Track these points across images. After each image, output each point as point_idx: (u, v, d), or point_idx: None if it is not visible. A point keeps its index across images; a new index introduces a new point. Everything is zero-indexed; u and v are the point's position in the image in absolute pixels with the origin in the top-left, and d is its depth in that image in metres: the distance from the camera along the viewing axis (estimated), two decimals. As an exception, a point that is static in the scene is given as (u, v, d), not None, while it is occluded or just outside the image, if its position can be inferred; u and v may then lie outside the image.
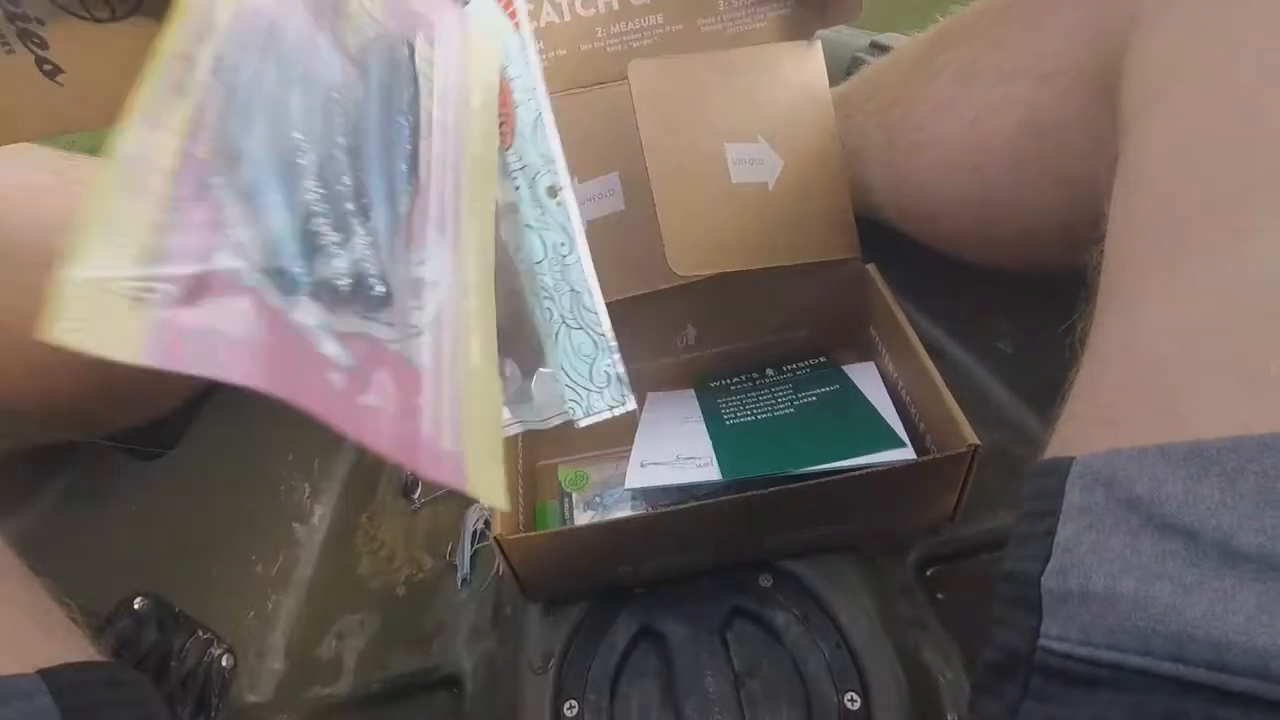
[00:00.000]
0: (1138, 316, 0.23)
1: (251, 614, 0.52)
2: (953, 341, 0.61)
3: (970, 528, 0.49)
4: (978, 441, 0.36)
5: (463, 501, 0.56)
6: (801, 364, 0.54)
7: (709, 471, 0.42)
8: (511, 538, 0.38)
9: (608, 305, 0.46)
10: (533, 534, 0.39)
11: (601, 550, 0.40)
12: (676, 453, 0.45)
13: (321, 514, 0.61)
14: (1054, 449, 0.24)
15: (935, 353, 0.61)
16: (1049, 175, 0.37)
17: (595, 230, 0.48)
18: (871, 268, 0.49)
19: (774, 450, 0.43)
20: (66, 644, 0.24)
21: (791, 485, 0.38)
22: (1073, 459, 0.22)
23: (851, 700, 0.38)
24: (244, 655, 0.48)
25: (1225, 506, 0.18)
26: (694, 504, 0.39)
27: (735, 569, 0.44)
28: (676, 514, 0.39)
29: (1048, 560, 0.22)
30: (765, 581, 0.43)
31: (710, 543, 0.42)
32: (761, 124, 0.45)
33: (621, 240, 0.47)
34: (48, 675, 0.21)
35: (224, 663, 0.45)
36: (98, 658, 0.24)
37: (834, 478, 0.38)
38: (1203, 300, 0.20)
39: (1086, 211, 0.29)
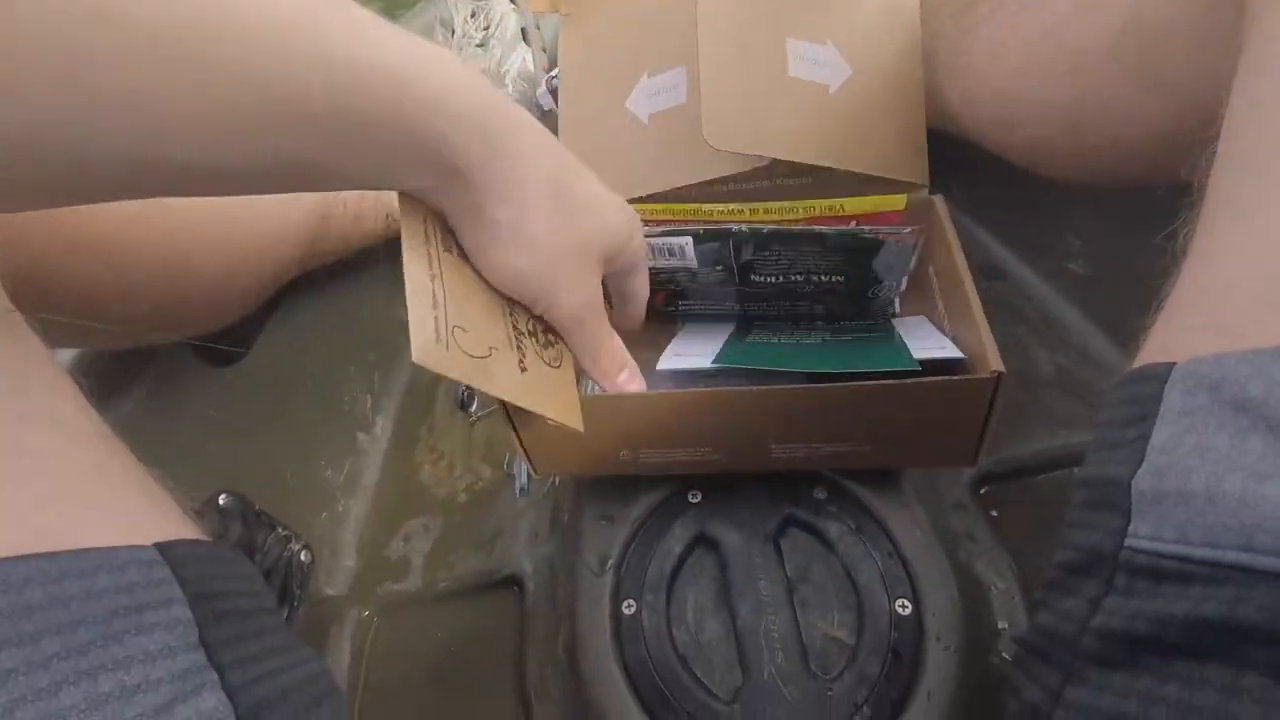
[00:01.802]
0: (1257, 214, 0.22)
1: (324, 515, 0.54)
2: (1020, 263, 0.59)
3: (1027, 447, 0.49)
4: (1002, 369, 0.34)
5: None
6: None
7: (702, 361, 0.42)
8: (516, 402, 0.39)
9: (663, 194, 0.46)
10: None
11: (599, 428, 0.40)
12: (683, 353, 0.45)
13: (383, 425, 0.63)
14: (1148, 355, 0.24)
15: (1000, 276, 0.60)
16: (1150, 79, 0.35)
17: (657, 121, 0.48)
18: (939, 200, 0.46)
19: (776, 356, 0.42)
20: (176, 524, 0.25)
21: (790, 385, 0.37)
22: (1173, 364, 0.22)
23: (903, 606, 0.39)
24: (319, 552, 0.51)
25: None
26: (690, 390, 0.39)
27: (789, 480, 0.44)
28: (671, 396, 0.39)
29: (1139, 463, 0.21)
30: (819, 494, 0.44)
31: (708, 438, 0.41)
32: (834, 28, 0.44)
33: (677, 131, 0.47)
34: (164, 548, 0.23)
35: (303, 558, 0.47)
36: (204, 538, 0.26)
37: (836, 384, 0.37)
38: None
39: (1186, 118, 0.27)
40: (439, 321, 0.30)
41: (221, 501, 0.43)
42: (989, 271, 0.60)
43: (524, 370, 0.33)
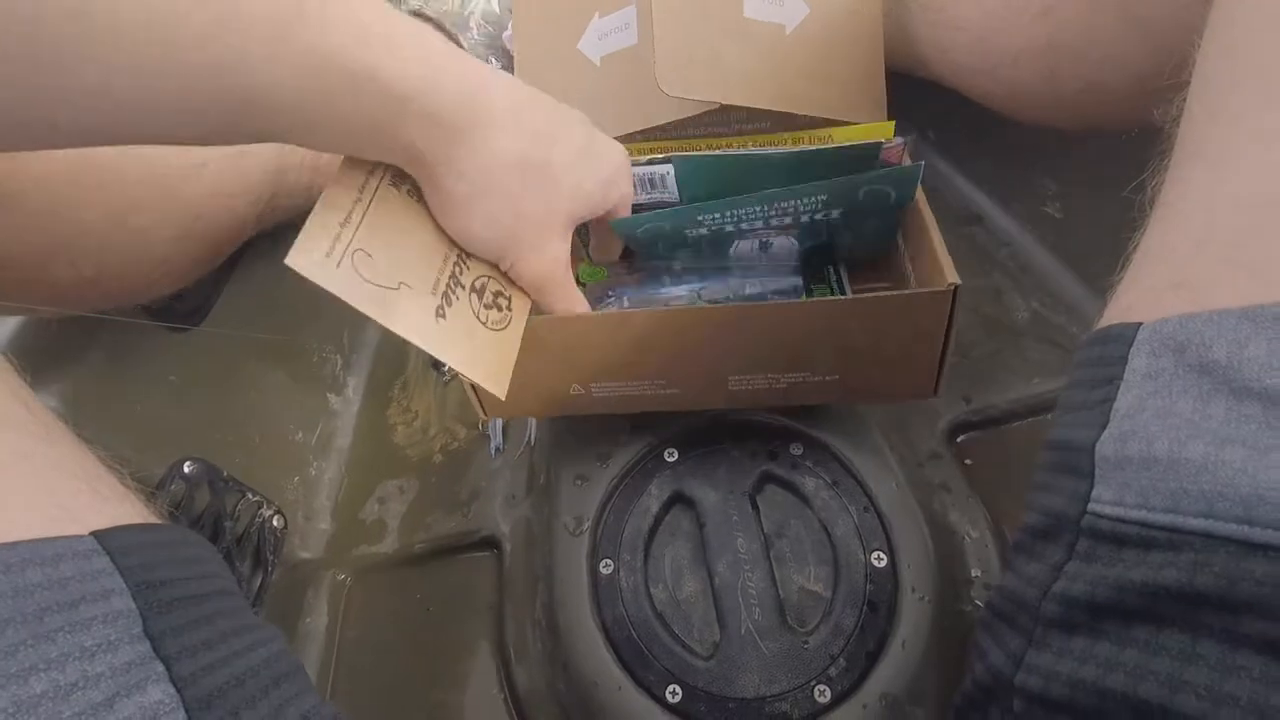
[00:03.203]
0: (1227, 165, 0.21)
1: (296, 479, 0.54)
2: (996, 207, 0.59)
3: (1001, 396, 0.49)
4: (957, 280, 0.33)
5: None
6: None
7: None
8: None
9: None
10: None
11: (547, 355, 0.39)
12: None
13: (355, 385, 0.62)
14: (1115, 314, 0.23)
15: (976, 219, 0.59)
16: (1125, 19, 0.34)
17: (604, 66, 0.45)
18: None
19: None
20: (120, 507, 0.24)
21: (743, 303, 0.37)
22: (1139, 325, 0.21)
23: (878, 558, 0.40)
24: (293, 517, 0.51)
25: None
26: (639, 310, 0.38)
27: (765, 436, 0.44)
28: (620, 315, 0.38)
29: (1103, 427, 0.21)
30: (795, 449, 0.44)
31: (661, 368, 0.40)
32: None
33: (628, 74, 0.45)
34: (102, 536, 0.22)
35: (275, 523, 0.47)
36: (153, 520, 0.25)
37: (791, 301, 0.36)
38: None
39: (1163, 60, 0.26)
40: (339, 239, 0.29)
41: (187, 469, 0.42)
42: (966, 217, 0.59)
43: (440, 318, 0.32)
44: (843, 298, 0.36)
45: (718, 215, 0.40)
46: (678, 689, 0.38)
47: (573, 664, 0.40)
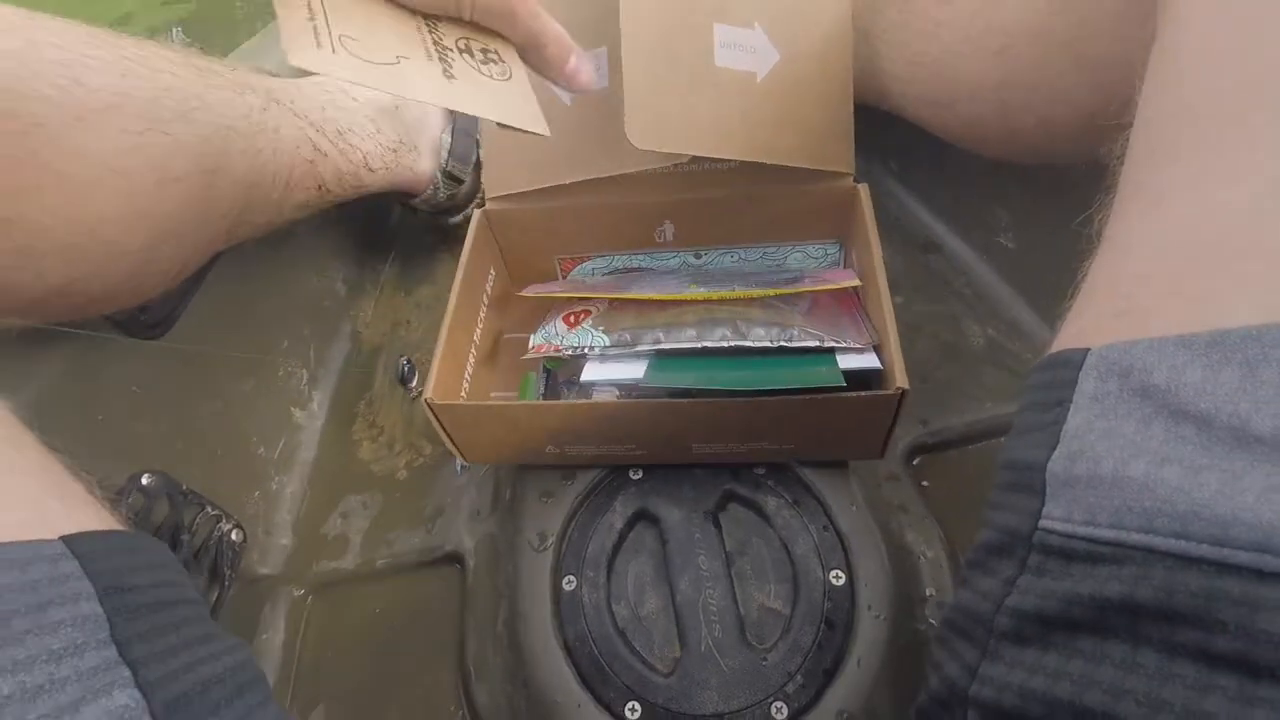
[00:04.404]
0: (1165, 203, 0.22)
1: (257, 494, 0.53)
2: (954, 236, 0.61)
3: (958, 419, 0.50)
4: (906, 386, 0.36)
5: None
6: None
7: (633, 373, 0.42)
8: (440, 403, 0.40)
9: (582, 183, 0.46)
10: (457, 403, 0.41)
11: (527, 429, 0.42)
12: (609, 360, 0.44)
13: (320, 400, 0.61)
14: (1065, 340, 0.24)
15: (935, 248, 0.61)
16: (1075, 59, 0.36)
17: (576, 107, 0.46)
18: (863, 188, 0.46)
19: (704, 372, 0.42)
20: (87, 514, 0.24)
21: (718, 399, 0.38)
22: (1087, 350, 0.22)
23: (836, 576, 0.40)
24: (252, 531, 0.50)
25: (1244, 392, 0.18)
26: (616, 401, 0.40)
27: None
28: (595, 407, 0.40)
29: (1054, 448, 0.22)
30: (759, 469, 0.44)
31: (631, 439, 0.43)
32: (762, 10, 0.42)
33: (599, 118, 0.45)
34: (70, 541, 0.22)
35: (234, 537, 0.46)
36: (119, 528, 0.25)
37: (756, 399, 0.38)
38: (1239, 184, 0.20)
39: (1110, 99, 0.28)
40: (319, 30, 0.28)
41: (145, 481, 0.42)
42: (925, 245, 0.61)
43: (450, 79, 0.31)
44: (795, 397, 0.37)
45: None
46: (637, 706, 0.38)
47: (533, 681, 0.40)
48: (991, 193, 0.57)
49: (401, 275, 0.70)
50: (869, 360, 0.40)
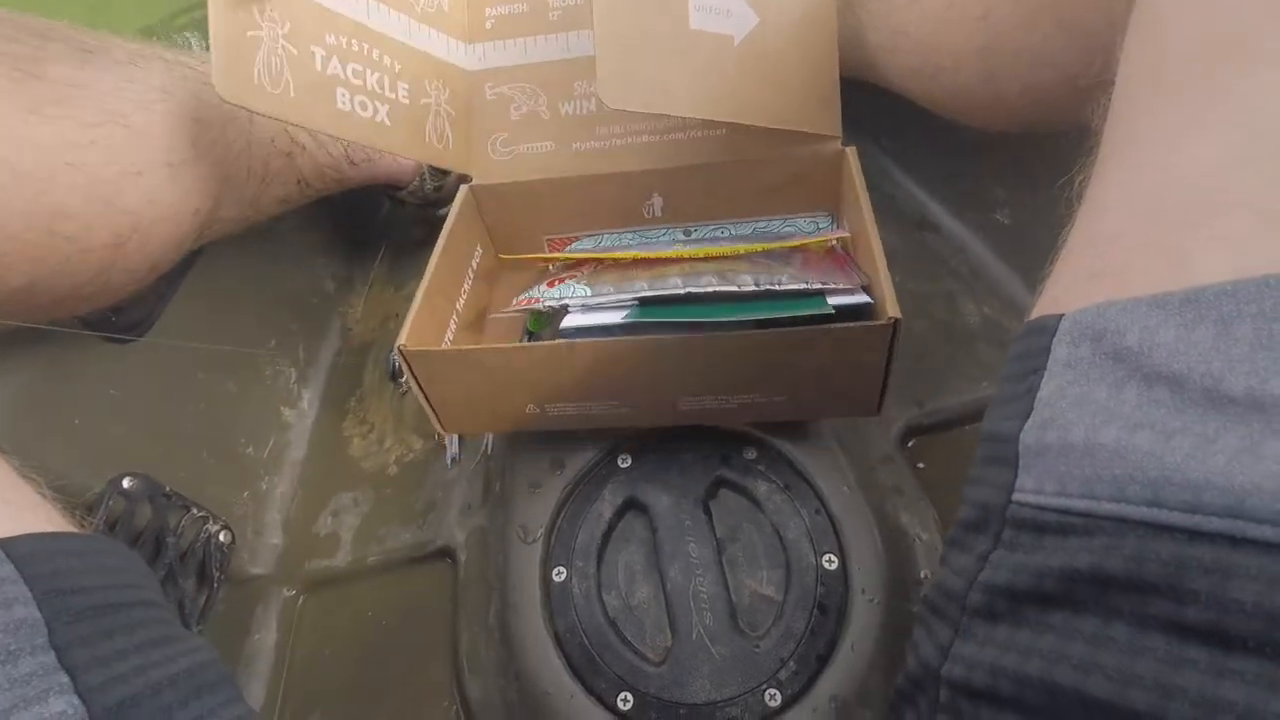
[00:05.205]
0: (1140, 161, 0.21)
1: (246, 494, 0.53)
2: (949, 214, 0.60)
3: (954, 399, 0.49)
4: (898, 315, 0.34)
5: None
6: None
7: (612, 316, 0.40)
8: (414, 349, 0.38)
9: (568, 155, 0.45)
10: (433, 349, 0.38)
11: (504, 378, 0.40)
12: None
13: (310, 398, 0.61)
14: (1043, 307, 0.23)
15: (931, 228, 0.60)
16: (1058, 21, 0.34)
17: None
18: (850, 151, 0.45)
19: (693, 310, 0.40)
20: (33, 515, 0.24)
21: (692, 335, 0.36)
22: (1061, 316, 0.21)
23: (829, 561, 0.40)
24: (242, 532, 0.50)
25: (1217, 351, 0.17)
26: (593, 341, 0.38)
27: (719, 441, 0.44)
28: (573, 347, 0.38)
29: (1028, 417, 0.21)
30: (749, 454, 0.44)
31: (614, 391, 0.40)
32: None
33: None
34: (7, 544, 0.21)
35: (222, 538, 0.46)
36: (69, 529, 0.24)
37: (738, 333, 0.36)
38: (1215, 137, 0.19)
39: (1094, 61, 0.27)
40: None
41: (126, 485, 0.41)
42: (919, 223, 0.60)
43: None
44: (786, 330, 0.36)
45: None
46: (629, 696, 0.38)
47: (525, 674, 0.40)
48: (987, 169, 0.56)
49: (391, 270, 0.70)
50: (859, 298, 0.38)
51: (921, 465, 0.47)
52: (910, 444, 0.49)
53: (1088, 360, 0.20)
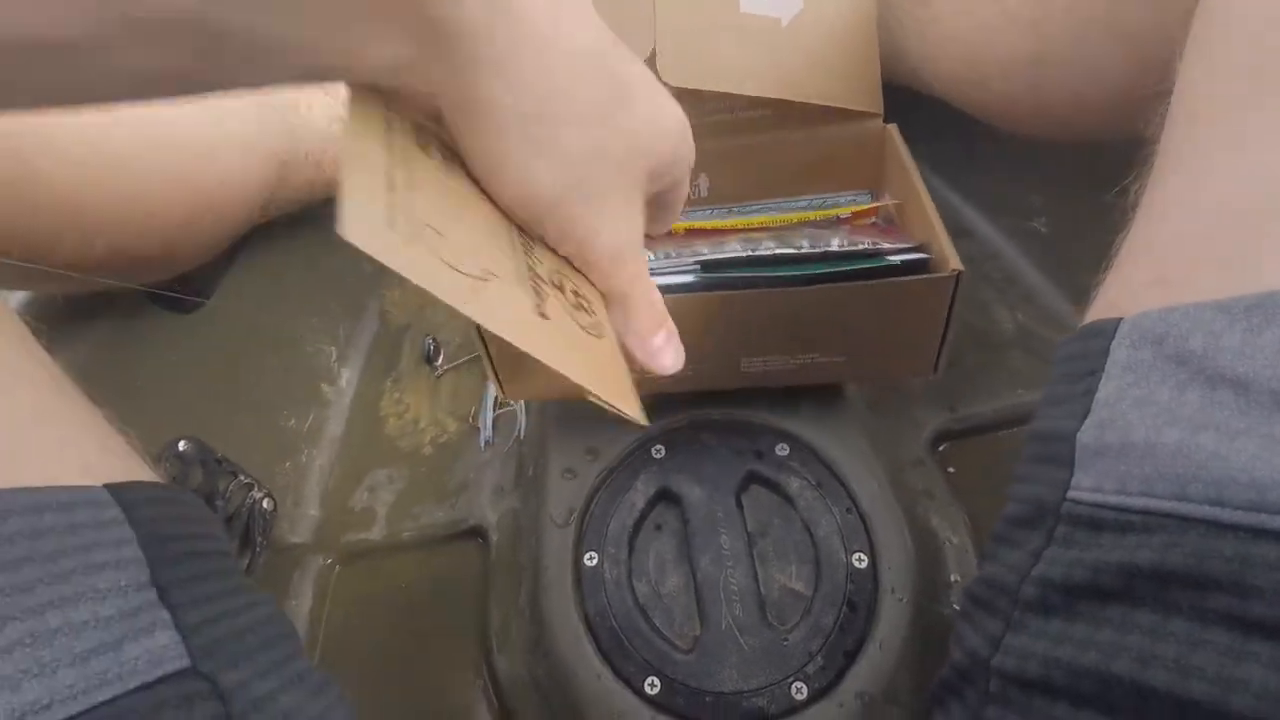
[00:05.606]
0: (1204, 169, 0.22)
1: (287, 464, 0.54)
2: (984, 220, 0.60)
3: (987, 405, 0.50)
4: (961, 267, 0.34)
5: (483, 371, 0.57)
6: None
7: (685, 278, 0.40)
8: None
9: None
10: None
11: None
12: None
13: (348, 377, 0.62)
14: (1098, 311, 0.24)
15: (965, 234, 0.60)
16: (1111, 32, 0.35)
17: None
18: (892, 127, 0.47)
19: (757, 271, 0.40)
20: (128, 465, 0.25)
21: (759, 290, 0.37)
22: (1120, 319, 0.22)
23: (859, 559, 0.40)
24: (282, 501, 0.51)
25: None
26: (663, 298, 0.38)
27: (752, 435, 0.45)
28: None
29: (1085, 417, 0.22)
30: (781, 450, 0.44)
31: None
32: None
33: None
34: (114, 489, 0.23)
35: (265, 505, 0.47)
36: (158, 481, 0.26)
37: (803, 288, 0.36)
38: (1278, 146, 0.19)
39: (1146, 73, 0.27)
40: (394, 208, 0.20)
41: (181, 447, 0.43)
42: (955, 230, 0.60)
43: (544, 318, 0.23)
44: (851, 284, 0.37)
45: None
46: (656, 680, 0.38)
47: (554, 653, 0.41)
48: (1024, 177, 0.56)
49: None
50: (918, 254, 0.39)
51: (952, 470, 0.47)
52: (941, 448, 0.49)
53: (1149, 363, 0.20)
